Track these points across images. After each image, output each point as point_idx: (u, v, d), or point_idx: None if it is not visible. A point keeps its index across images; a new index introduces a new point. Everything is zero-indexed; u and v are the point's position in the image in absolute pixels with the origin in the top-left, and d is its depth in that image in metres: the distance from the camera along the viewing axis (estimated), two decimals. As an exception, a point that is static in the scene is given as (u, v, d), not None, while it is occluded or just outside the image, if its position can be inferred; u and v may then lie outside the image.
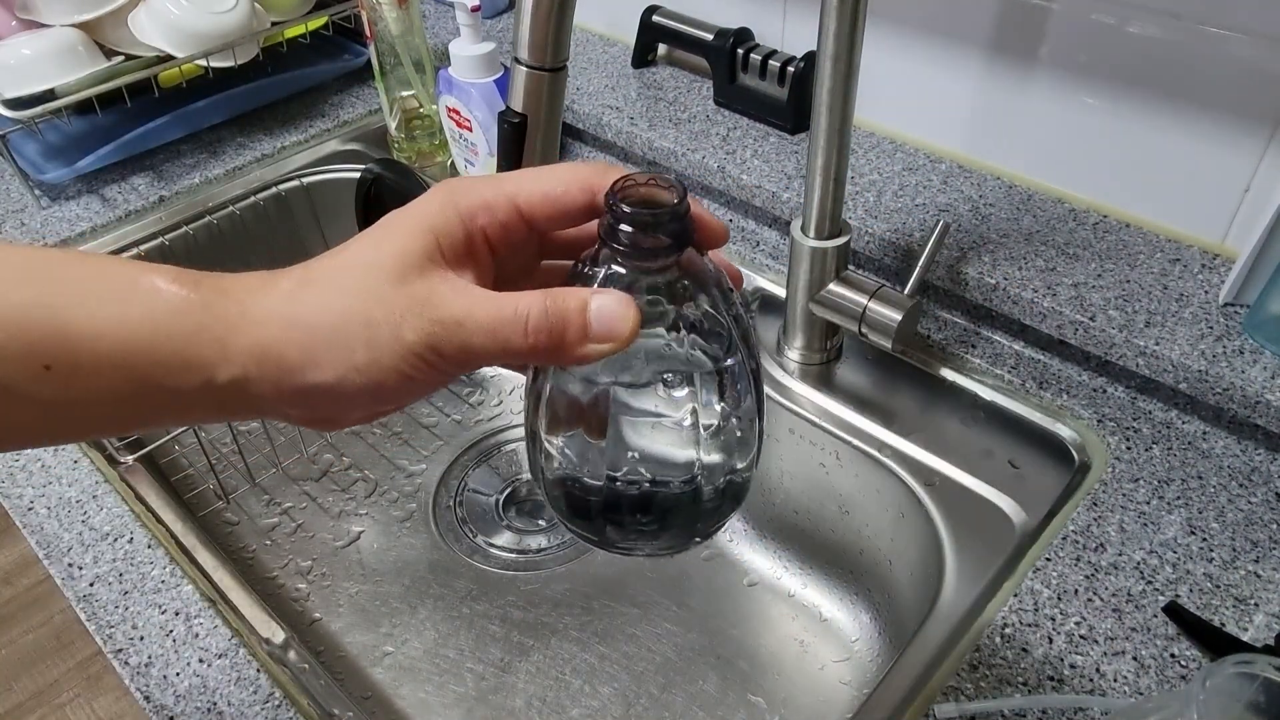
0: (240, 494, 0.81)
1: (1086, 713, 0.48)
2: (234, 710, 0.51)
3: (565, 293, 0.28)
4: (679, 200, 0.29)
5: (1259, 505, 0.57)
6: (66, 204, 0.88)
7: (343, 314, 0.28)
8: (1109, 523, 0.57)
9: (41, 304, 0.27)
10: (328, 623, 0.73)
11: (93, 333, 0.27)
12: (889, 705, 0.51)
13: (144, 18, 0.87)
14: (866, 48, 0.56)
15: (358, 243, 0.29)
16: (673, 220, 0.28)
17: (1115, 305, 0.63)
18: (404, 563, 0.78)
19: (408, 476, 0.84)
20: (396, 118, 0.93)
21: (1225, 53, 0.61)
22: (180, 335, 0.27)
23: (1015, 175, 0.76)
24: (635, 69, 0.95)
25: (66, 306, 0.27)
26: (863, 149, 0.81)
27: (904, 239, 0.70)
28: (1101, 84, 0.68)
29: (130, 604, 0.56)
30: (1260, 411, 0.58)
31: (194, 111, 0.92)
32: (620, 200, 0.28)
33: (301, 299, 0.28)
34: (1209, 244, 0.68)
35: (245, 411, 0.29)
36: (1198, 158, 0.66)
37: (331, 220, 0.98)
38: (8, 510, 0.62)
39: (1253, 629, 0.51)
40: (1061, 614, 0.52)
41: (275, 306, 0.28)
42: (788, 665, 0.71)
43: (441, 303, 0.28)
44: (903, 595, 0.68)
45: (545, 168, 0.31)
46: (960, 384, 0.68)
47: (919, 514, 0.64)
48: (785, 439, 0.72)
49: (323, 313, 0.28)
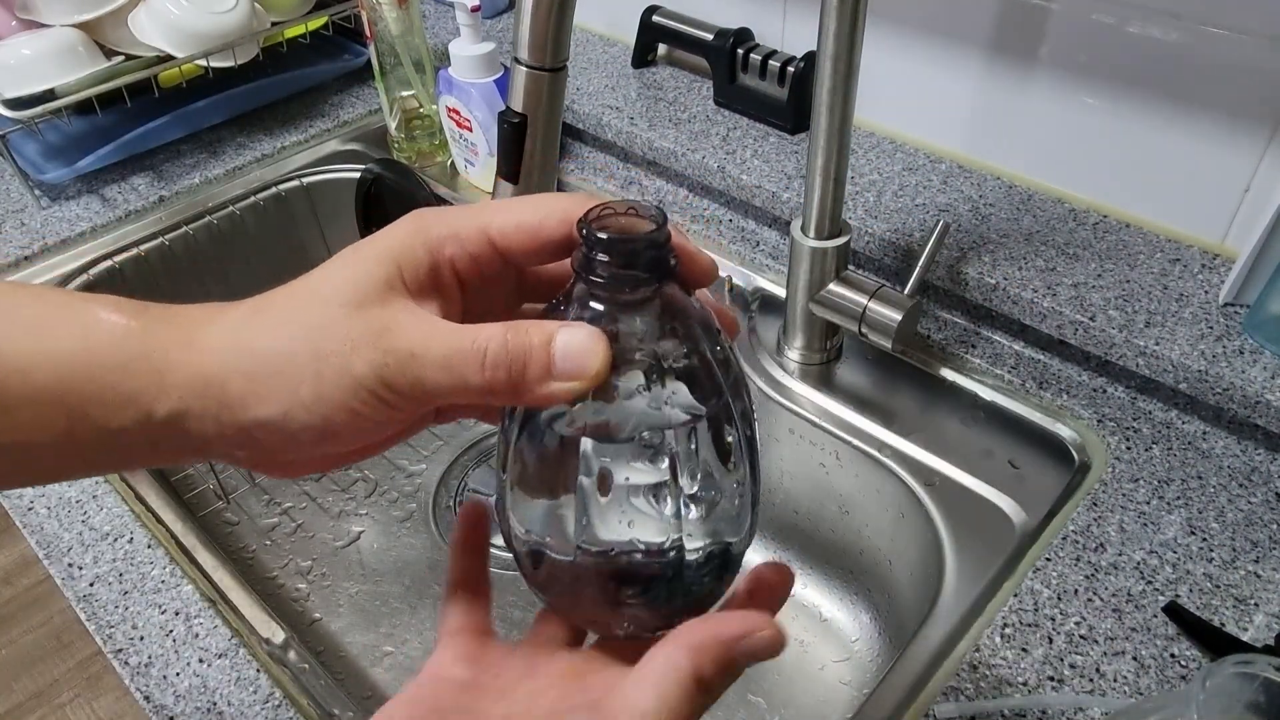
0: (240, 494, 0.81)
1: (1086, 713, 0.48)
2: (234, 710, 0.51)
3: (529, 325, 0.26)
4: (657, 227, 0.26)
5: (1259, 505, 0.57)
6: (66, 204, 0.88)
7: (289, 343, 0.26)
8: (1109, 523, 0.57)
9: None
10: (328, 623, 0.73)
11: (24, 365, 0.25)
12: (889, 705, 0.51)
13: (144, 18, 0.87)
14: (866, 48, 0.56)
15: (319, 270, 0.27)
16: (650, 248, 0.26)
17: (1115, 305, 0.63)
18: (404, 563, 0.78)
19: (408, 476, 0.84)
20: (396, 118, 0.93)
21: (1225, 53, 0.61)
22: (117, 366, 0.25)
23: (1015, 175, 0.76)
24: (635, 69, 0.95)
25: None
26: (863, 149, 0.81)
27: (904, 239, 0.70)
28: (1101, 84, 0.68)
29: (130, 604, 0.56)
30: (1260, 411, 0.58)
31: (194, 111, 0.92)
32: (594, 228, 0.26)
33: (249, 327, 0.26)
34: (1209, 244, 0.68)
35: (187, 452, 0.27)
36: (1198, 158, 0.66)
37: (331, 220, 0.98)
38: (8, 510, 0.62)
39: (1253, 629, 0.51)
40: (1061, 614, 0.52)
41: (220, 336, 0.26)
42: (788, 665, 0.71)
43: (398, 333, 0.26)
44: (903, 595, 0.68)
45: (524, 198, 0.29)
46: (960, 384, 0.68)
47: (919, 514, 0.64)
48: (785, 439, 0.72)
49: (270, 342, 0.26)
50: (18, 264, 0.82)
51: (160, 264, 0.87)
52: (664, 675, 0.25)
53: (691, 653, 0.25)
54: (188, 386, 0.25)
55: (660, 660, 0.25)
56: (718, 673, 0.25)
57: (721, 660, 0.25)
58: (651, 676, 0.25)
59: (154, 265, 0.87)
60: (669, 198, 0.87)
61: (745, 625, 0.26)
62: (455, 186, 0.93)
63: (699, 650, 0.25)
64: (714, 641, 0.25)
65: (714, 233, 0.83)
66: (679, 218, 0.85)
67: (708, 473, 0.28)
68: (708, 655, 0.25)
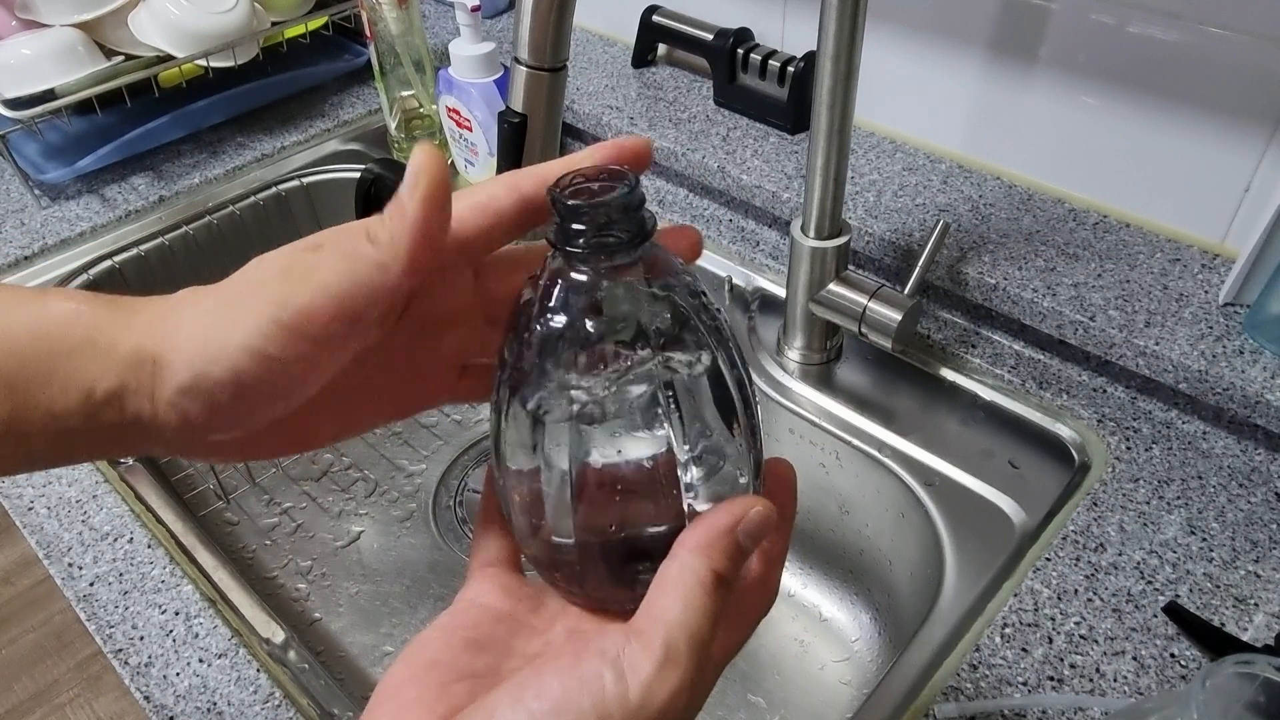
0: (240, 494, 0.81)
1: (1086, 713, 0.48)
2: (234, 710, 0.51)
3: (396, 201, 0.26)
4: (630, 189, 0.25)
5: (1259, 505, 0.57)
6: (66, 204, 0.88)
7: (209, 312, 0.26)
8: (1109, 523, 0.57)
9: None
10: (328, 623, 0.73)
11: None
12: (889, 705, 0.51)
13: (144, 18, 0.87)
14: (866, 48, 0.56)
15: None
16: (625, 211, 0.25)
17: (1115, 305, 0.63)
18: (404, 563, 0.78)
19: (408, 476, 0.84)
20: (396, 118, 0.93)
21: (1225, 53, 0.61)
22: (64, 350, 0.25)
23: (1015, 175, 0.76)
24: (635, 69, 0.95)
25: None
26: (863, 149, 0.81)
27: (904, 239, 0.70)
28: (1101, 84, 0.68)
29: (130, 604, 0.56)
30: (1260, 411, 0.58)
31: (194, 111, 0.92)
32: (565, 196, 0.25)
33: (182, 305, 0.26)
34: (1209, 244, 0.68)
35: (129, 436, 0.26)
36: (1198, 158, 0.66)
37: (331, 220, 0.98)
38: (8, 510, 0.62)
39: (1253, 629, 0.51)
40: (1061, 614, 0.52)
41: (156, 313, 0.26)
42: (788, 665, 0.71)
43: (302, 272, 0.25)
44: (903, 595, 0.68)
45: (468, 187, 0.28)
46: (960, 384, 0.68)
47: (919, 514, 0.64)
48: (785, 439, 0.72)
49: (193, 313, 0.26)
50: (18, 264, 0.82)
51: (160, 264, 0.87)
52: (681, 580, 0.25)
53: (699, 553, 0.26)
54: (124, 362, 0.25)
55: (675, 568, 0.26)
56: (729, 563, 0.26)
57: (729, 550, 0.26)
58: (671, 584, 0.26)
59: (154, 265, 0.87)
60: (669, 198, 0.87)
61: (734, 512, 0.27)
62: (455, 186, 0.92)
63: (705, 549, 0.26)
64: (716, 535, 0.26)
65: (714, 233, 0.83)
66: (679, 218, 0.85)
67: (706, 435, 0.27)
68: (716, 549, 0.26)
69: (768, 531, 0.27)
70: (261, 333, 0.25)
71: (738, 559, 0.26)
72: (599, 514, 0.27)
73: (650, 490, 0.27)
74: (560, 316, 0.26)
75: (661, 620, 0.25)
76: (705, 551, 0.26)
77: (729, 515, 0.26)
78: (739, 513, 0.26)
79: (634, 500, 0.27)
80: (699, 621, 0.25)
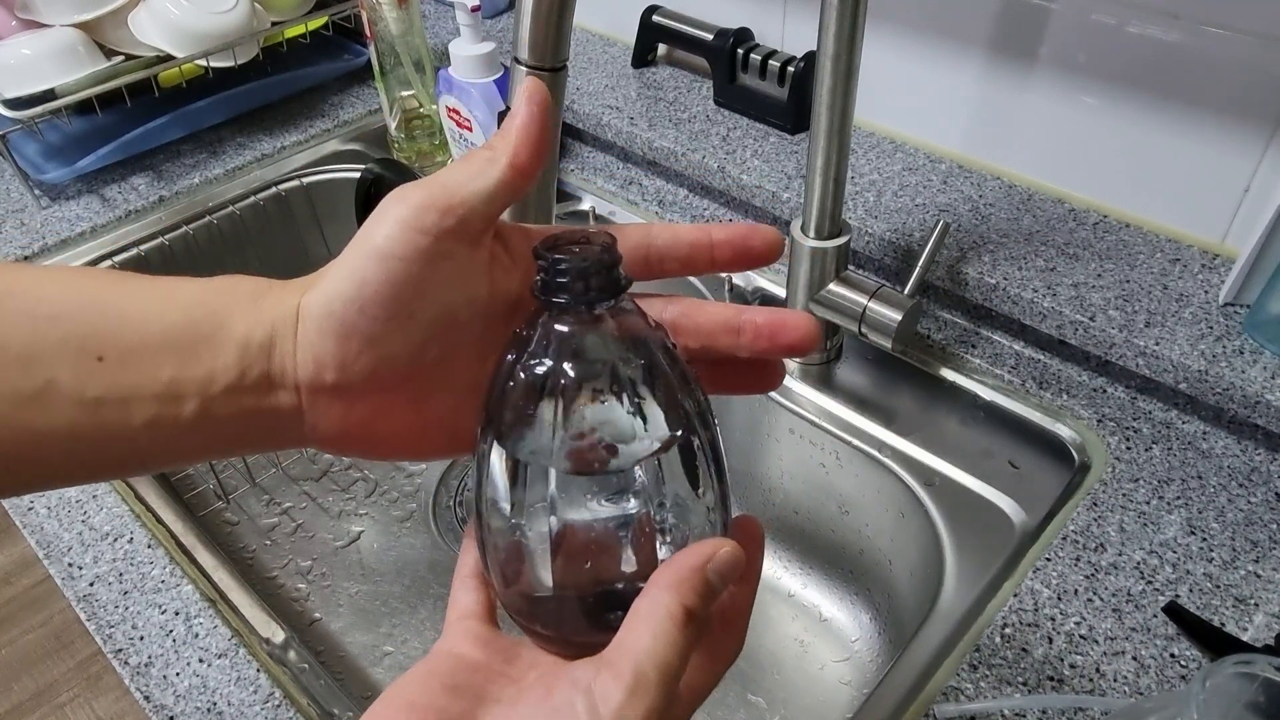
0: (240, 494, 0.81)
1: (1086, 713, 0.48)
2: (234, 710, 0.51)
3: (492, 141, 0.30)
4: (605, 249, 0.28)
5: (1259, 505, 0.57)
6: (66, 204, 0.88)
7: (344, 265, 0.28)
8: (1109, 523, 0.57)
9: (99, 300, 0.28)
10: (328, 623, 0.73)
11: (143, 317, 0.27)
12: (889, 705, 0.51)
13: (144, 18, 0.87)
14: (866, 48, 0.56)
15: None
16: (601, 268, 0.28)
17: (1115, 305, 0.63)
18: (404, 563, 0.78)
19: (408, 476, 0.84)
20: (396, 118, 0.93)
21: (1225, 53, 0.61)
22: (223, 309, 0.28)
23: (1015, 175, 0.76)
24: (635, 69, 0.95)
25: (120, 299, 0.28)
26: (863, 149, 0.81)
27: (904, 239, 0.70)
28: (1101, 84, 0.68)
29: (130, 604, 0.56)
30: (1260, 411, 0.58)
31: (194, 111, 0.92)
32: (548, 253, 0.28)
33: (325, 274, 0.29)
34: (1209, 244, 0.68)
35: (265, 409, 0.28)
36: (1197, 158, 0.66)
37: (331, 220, 0.98)
38: (8, 510, 0.62)
39: (1253, 629, 0.51)
40: (1061, 614, 0.52)
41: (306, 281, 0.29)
42: (788, 665, 0.71)
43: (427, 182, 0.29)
44: (903, 595, 0.68)
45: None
46: (960, 384, 0.68)
47: (919, 514, 0.64)
48: (785, 439, 0.72)
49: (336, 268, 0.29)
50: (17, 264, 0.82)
51: (160, 264, 0.87)
52: (652, 614, 0.26)
53: (670, 589, 0.27)
54: (279, 313, 0.28)
55: (646, 604, 0.27)
56: (699, 599, 0.27)
57: (699, 587, 0.27)
58: (642, 618, 0.26)
59: (154, 265, 0.87)
60: (669, 198, 0.87)
61: (703, 551, 0.27)
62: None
63: (676, 585, 0.27)
64: (687, 573, 0.27)
65: (714, 233, 0.83)
66: (679, 217, 0.85)
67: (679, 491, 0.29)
68: (686, 586, 0.27)
69: (737, 571, 0.28)
70: (384, 234, 0.27)
71: (707, 596, 0.27)
72: (576, 567, 0.28)
73: (627, 544, 0.28)
74: (539, 367, 0.28)
75: (631, 650, 0.26)
76: (676, 588, 0.26)
77: (699, 555, 0.27)
78: (708, 552, 0.27)
79: (610, 553, 0.28)
80: (668, 653, 0.26)
